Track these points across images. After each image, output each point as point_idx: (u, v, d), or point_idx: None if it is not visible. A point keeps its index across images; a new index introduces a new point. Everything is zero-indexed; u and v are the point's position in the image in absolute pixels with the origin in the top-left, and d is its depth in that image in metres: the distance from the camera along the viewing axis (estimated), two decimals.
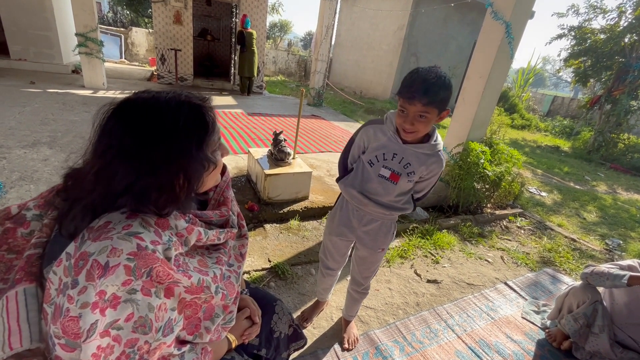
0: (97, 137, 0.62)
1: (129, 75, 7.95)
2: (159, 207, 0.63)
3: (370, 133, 1.28)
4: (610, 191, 5.30)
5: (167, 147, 0.61)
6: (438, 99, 1.06)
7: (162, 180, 0.62)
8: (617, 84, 7.58)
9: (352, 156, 1.38)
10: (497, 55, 3.14)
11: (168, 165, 0.61)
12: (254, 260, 2.11)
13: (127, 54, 11.37)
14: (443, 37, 10.38)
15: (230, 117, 5.36)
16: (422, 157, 1.21)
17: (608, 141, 7.69)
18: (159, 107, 0.63)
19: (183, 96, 0.67)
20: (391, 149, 1.23)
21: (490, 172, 3.15)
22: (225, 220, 0.84)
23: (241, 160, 3.55)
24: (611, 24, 7.78)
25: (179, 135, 0.62)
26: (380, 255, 1.46)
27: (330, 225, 1.49)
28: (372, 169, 1.27)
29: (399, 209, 1.32)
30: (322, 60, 7.48)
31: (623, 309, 1.65)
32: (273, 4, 19.48)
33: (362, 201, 1.31)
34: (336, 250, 1.54)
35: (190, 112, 0.65)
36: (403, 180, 1.24)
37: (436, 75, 1.06)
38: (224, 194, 0.89)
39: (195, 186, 0.69)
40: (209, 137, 0.68)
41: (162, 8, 6.88)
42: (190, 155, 0.64)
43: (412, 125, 1.11)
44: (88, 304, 0.51)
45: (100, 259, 0.54)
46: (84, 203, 0.61)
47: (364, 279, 1.54)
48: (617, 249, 3.12)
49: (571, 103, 14.19)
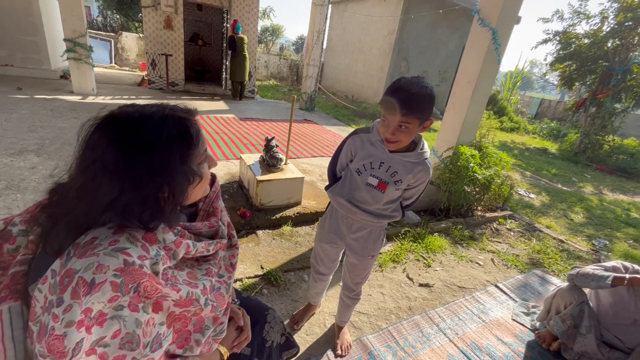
0: (81, 152, 0.62)
1: (119, 81, 7.88)
2: (144, 222, 0.63)
3: (357, 142, 1.29)
4: (597, 192, 5.42)
5: (150, 161, 0.61)
6: (418, 110, 1.06)
7: (146, 194, 0.62)
8: (602, 88, 7.79)
9: (340, 164, 1.39)
10: (485, 61, 3.20)
11: (151, 179, 0.61)
12: (246, 268, 2.11)
13: (117, 59, 11.26)
14: (433, 42, 10.54)
15: (222, 123, 5.34)
16: (408, 166, 1.22)
17: (594, 143, 7.88)
18: (142, 121, 0.63)
19: (167, 109, 0.67)
20: (378, 158, 1.24)
21: (479, 175, 3.20)
22: (214, 231, 0.84)
23: (233, 166, 3.54)
24: (594, 29, 8.00)
25: (161, 148, 0.62)
26: (371, 262, 1.47)
27: (321, 232, 1.51)
28: (360, 177, 1.28)
29: (388, 216, 1.33)
30: (314, 64, 7.52)
31: (608, 310, 1.68)
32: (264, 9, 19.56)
33: (350, 209, 1.32)
34: (327, 257, 1.56)
35: (174, 126, 0.65)
36: (390, 189, 1.25)
37: (417, 86, 1.06)
38: (213, 204, 0.89)
39: (180, 200, 0.69)
40: (193, 150, 0.68)
41: (153, 13, 6.85)
42: (174, 168, 0.64)
43: (394, 135, 1.11)
44: (73, 322, 0.51)
45: (86, 276, 0.53)
46: (67, 219, 0.60)
47: (355, 284, 1.56)
48: (603, 250, 3.19)
49: (558, 106, 14.51)
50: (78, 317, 0.52)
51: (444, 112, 3.76)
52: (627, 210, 4.57)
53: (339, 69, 13.04)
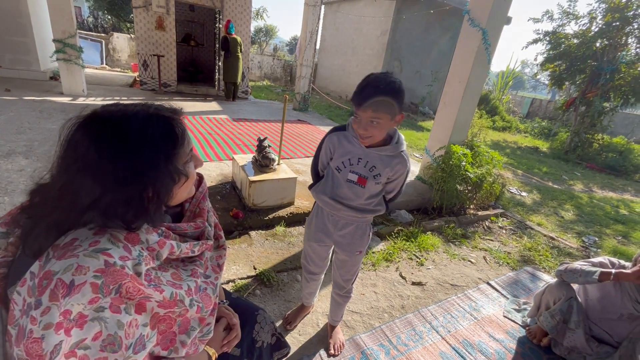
0: (63, 151, 0.61)
1: (111, 82, 7.79)
2: (127, 222, 0.63)
3: (334, 140, 1.32)
4: (587, 190, 5.50)
5: (134, 160, 0.60)
6: (388, 105, 1.08)
7: (130, 194, 0.61)
8: (591, 87, 7.92)
9: (321, 163, 1.42)
10: (475, 60, 3.23)
11: (135, 179, 0.61)
12: (239, 268, 2.10)
13: (109, 60, 11.14)
14: (425, 42, 10.61)
15: (215, 123, 5.31)
16: (385, 159, 1.25)
17: (583, 141, 8.00)
18: (126, 120, 0.62)
19: (152, 109, 0.67)
20: (356, 154, 1.27)
21: (472, 174, 3.23)
22: (200, 232, 0.83)
23: (226, 167, 3.52)
24: (583, 29, 8.13)
25: (146, 148, 0.61)
26: (359, 257, 1.50)
27: (308, 231, 1.53)
28: (340, 174, 1.31)
29: (372, 211, 1.36)
30: (307, 65, 7.52)
31: (596, 305, 1.71)
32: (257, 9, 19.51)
33: (334, 206, 1.35)
34: (316, 255, 1.57)
35: (159, 125, 0.65)
36: (370, 183, 1.28)
37: (386, 81, 1.08)
38: (199, 205, 0.88)
39: (165, 199, 0.68)
40: (178, 149, 0.68)
41: (144, 14, 6.79)
42: (159, 168, 0.64)
43: (366, 130, 1.14)
44: (51, 324, 0.50)
45: (65, 278, 0.52)
46: (48, 220, 0.60)
47: (345, 282, 1.57)
48: (593, 246, 3.24)
49: (549, 105, 14.71)
50: (56, 320, 0.51)
51: (436, 112, 3.79)
52: (616, 208, 4.64)
53: (332, 70, 13.06)
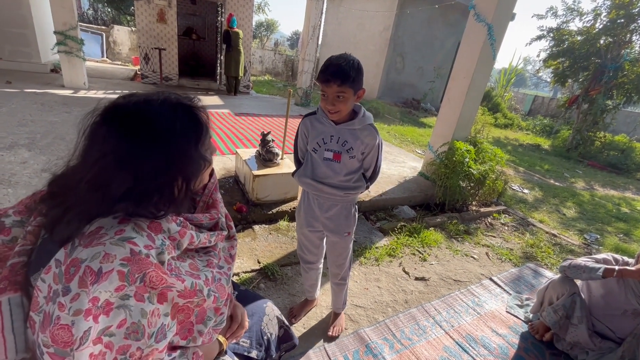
0: (88, 144, 0.61)
1: (112, 75, 7.75)
2: (158, 209, 0.64)
3: (307, 124, 1.41)
4: (588, 187, 5.51)
5: (167, 150, 0.62)
6: (350, 79, 1.18)
7: (163, 183, 0.63)
8: (594, 84, 7.89)
9: (300, 150, 1.50)
10: (480, 56, 3.22)
11: (168, 168, 0.63)
12: (243, 262, 2.11)
13: (109, 53, 11.07)
14: (428, 39, 10.54)
15: (217, 118, 5.30)
16: (355, 133, 1.34)
17: (585, 139, 7.99)
18: (154, 110, 0.63)
19: (173, 98, 0.68)
20: (328, 133, 1.36)
21: (475, 170, 3.23)
22: (215, 223, 0.84)
23: (229, 161, 3.52)
24: (587, 26, 8.08)
25: (177, 137, 0.63)
26: (348, 239, 1.55)
27: (299, 218, 1.59)
28: (317, 155, 1.39)
29: (352, 187, 1.41)
30: (309, 60, 7.48)
31: (600, 301, 1.72)
32: (259, 3, 19.34)
33: (316, 187, 1.42)
34: (310, 243, 1.61)
35: (186, 114, 0.67)
36: (345, 157, 1.36)
37: (346, 59, 1.20)
38: (212, 196, 0.89)
39: (192, 186, 0.70)
40: (205, 137, 0.70)
41: (145, 6, 6.74)
42: (190, 156, 0.66)
43: (333, 105, 1.23)
44: (81, 311, 0.51)
45: (93, 265, 0.53)
46: (79, 209, 0.60)
47: (337, 267, 1.63)
48: (594, 243, 3.26)
49: (551, 102, 14.67)
50: (86, 306, 0.51)
51: (439, 109, 3.78)
52: (617, 205, 4.66)
53: None
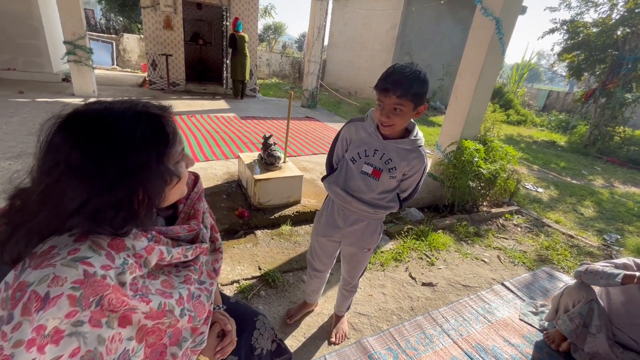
0: (43, 154, 0.58)
1: (121, 82, 7.90)
2: (116, 227, 0.59)
3: (352, 130, 1.29)
4: (607, 185, 5.27)
5: (124, 161, 0.57)
6: (412, 92, 1.07)
7: (119, 197, 0.57)
8: (611, 77, 7.57)
9: (336, 155, 1.39)
10: (488, 51, 3.10)
11: (125, 181, 0.57)
12: (244, 269, 2.06)
13: (119, 61, 11.31)
14: (436, 36, 10.36)
15: (223, 122, 5.31)
16: (402, 153, 1.22)
17: (604, 134, 7.67)
18: (113, 118, 0.58)
19: (140, 105, 0.63)
20: (372, 145, 1.24)
21: (484, 170, 3.11)
22: (195, 235, 0.79)
23: (232, 165, 3.50)
24: (603, 17, 7.76)
25: (136, 148, 0.58)
26: (367, 254, 1.47)
27: (317, 226, 1.50)
28: (355, 166, 1.28)
29: (384, 207, 1.31)
30: (315, 61, 7.44)
31: (620, 309, 1.60)
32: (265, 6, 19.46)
33: (345, 199, 1.31)
34: (323, 252, 1.53)
35: (149, 123, 0.61)
36: (385, 176, 1.24)
37: (411, 70, 1.08)
38: (194, 206, 0.84)
39: (156, 202, 0.64)
40: (170, 149, 0.64)
41: (152, 13, 6.84)
42: (150, 169, 0.60)
43: (388, 118, 1.12)
44: (22, 342, 0.46)
45: (40, 290, 0.49)
46: (28, 226, 0.56)
47: (351, 277, 1.56)
48: (615, 244, 3.09)
49: (566, 97, 14.19)
50: (28, 336, 0.47)
51: (447, 106, 3.67)
52: (639, 203, 4.43)
53: (341, 65, 12.92)
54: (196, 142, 4.10)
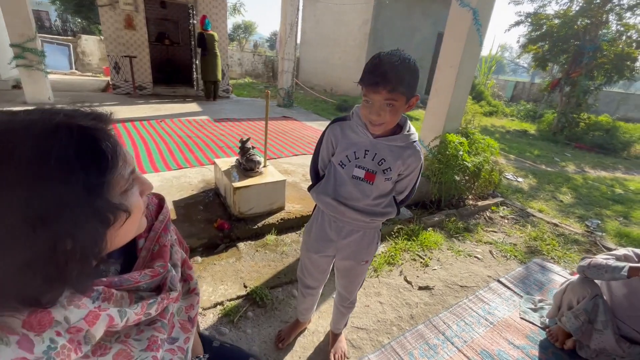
0: None
1: (81, 87, 7.33)
2: (31, 298, 0.40)
3: (337, 131, 1.14)
4: (579, 170, 5.46)
5: (33, 201, 0.37)
6: (404, 84, 0.94)
7: (31, 254, 0.38)
8: (574, 66, 7.90)
9: (322, 160, 1.23)
10: (467, 42, 3.04)
11: (39, 230, 0.38)
12: (228, 288, 1.87)
13: (79, 64, 10.56)
14: (407, 30, 10.42)
15: (195, 125, 5.01)
16: (396, 151, 1.08)
17: (570, 122, 8.00)
18: (15, 136, 0.39)
19: (61, 116, 0.43)
20: (362, 146, 1.10)
21: (469, 163, 3.07)
22: (160, 281, 0.61)
23: (208, 172, 3.26)
24: (564, 8, 8.08)
25: (51, 179, 0.39)
26: (364, 267, 1.32)
27: (307, 240, 1.33)
28: (345, 170, 1.13)
29: (381, 213, 1.16)
30: (289, 59, 7.24)
31: (623, 301, 1.56)
32: (234, 4, 18.91)
33: (337, 209, 1.16)
34: (315, 268, 1.37)
35: (73, 140, 0.41)
36: (379, 179, 1.10)
37: (400, 57, 0.94)
38: (159, 240, 0.65)
39: (95, 251, 0.45)
40: (109, 175, 0.44)
41: (111, 12, 6.37)
42: (78, 207, 0.41)
43: (379, 115, 0.98)
44: None
45: None
46: None
47: (348, 293, 1.41)
48: (597, 230, 3.14)
49: (532, 87, 14.82)
50: None
51: (424, 101, 3.61)
52: (611, 187, 4.60)
53: (315, 63, 12.76)
54: (167, 149, 3.81)
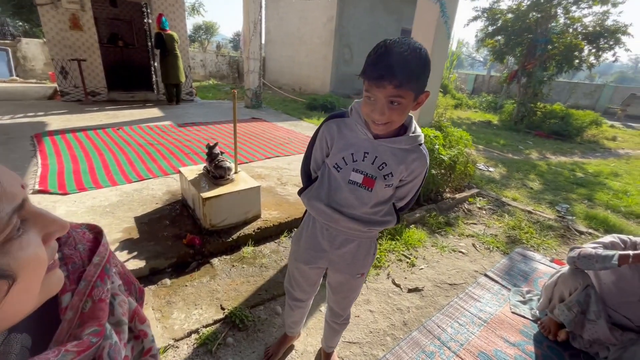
0: None
1: (23, 96, 6.61)
2: None
3: (333, 130, 1.01)
4: (542, 157, 5.72)
5: None
6: (414, 78, 0.80)
7: None
8: (529, 58, 8.32)
9: (314, 161, 1.09)
10: (436, 36, 3.03)
11: None
12: (203, 312, 1.67)
13: (20, 70, 9.57)
14: (372, 27, 10.49)
15: (157, 132, 4.65)
16: (399, 154, 0.96)
17: (529, 111, 8.44)
18: None
19: None
20: (361, 147, 0.96)
21: (445, 156, 3.05)
22: (95, 354, 0.43)
23: (173, 182, 2.99)
24: (517, 3, 8.49)
25: None
26: (360, 280, 1.19)
27: (296, 250, 1.18)
28: (340, 174, 1.00)
29: (379, 222, 1.03)
30: (255, 58, 6.98)
31: (612, 288, 1.56)
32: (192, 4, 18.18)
33: (332, 216, 1.02)
34: (304, 280, 1.23)
35: None
36: (379, 185, 0.98)
37: (409, 47, 0.79)
38: (93, 292, 0.47)
39: None
40: None
41: (53, 12, 5.78)
42: None
43: (383, 114, 0.84)
44: None
45: None
46: None
47: (342, 309, 1.26)
48: (567, 214, 3.25)
49: (491, 80, 15.56)
50: None
51: None
52: (572, 171, 4.84)
53: (281, 62, 12.53)
54: (126, 159, 3.47)
